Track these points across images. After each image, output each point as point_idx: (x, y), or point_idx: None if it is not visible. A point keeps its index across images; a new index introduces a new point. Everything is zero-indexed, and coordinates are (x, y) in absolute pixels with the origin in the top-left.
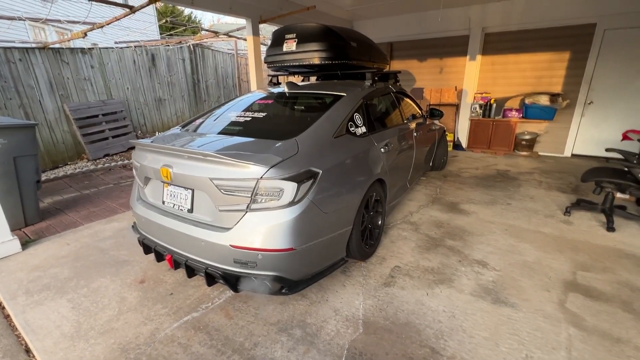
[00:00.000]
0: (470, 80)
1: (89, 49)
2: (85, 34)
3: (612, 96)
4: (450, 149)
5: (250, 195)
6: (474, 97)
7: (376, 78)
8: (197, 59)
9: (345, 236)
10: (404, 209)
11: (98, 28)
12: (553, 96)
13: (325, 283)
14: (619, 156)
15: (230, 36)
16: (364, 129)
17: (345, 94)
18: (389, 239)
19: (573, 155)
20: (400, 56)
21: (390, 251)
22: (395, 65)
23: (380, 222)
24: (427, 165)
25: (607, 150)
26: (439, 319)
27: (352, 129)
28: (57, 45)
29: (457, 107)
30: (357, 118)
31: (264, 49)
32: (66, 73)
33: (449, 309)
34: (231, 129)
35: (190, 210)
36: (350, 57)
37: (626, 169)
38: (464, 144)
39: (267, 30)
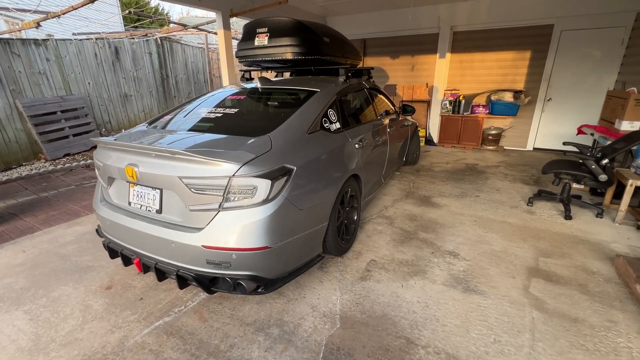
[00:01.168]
0: (441, 78)
1: (44, 40)
2: (39, 24)
3: (568, 93)
4: (422, 144)
5: (222, 194)
6: (444, 93)
7: (350, 74)
8: (166, 53)
9: (321, 232)
10: (379, 204)
11: (52, 17)
12: (516, 93)
13: (302, 280)
14: (575, 149)
15: (200, 30)
16: (338, 125)
17: (318, 90)
18: (365, 233)
19: (535, 149)
20: (374, 53)
21: (366, 245)
22: (369, 62)
23: (355, 217)
24: (400, 160)
25: (564, 144)
26: (414, 310)
27: (326, 124)
28: (6, 36)
29: (428, 103)
30: (331, 114)
31: (235, 43)
32: (17, 66)
33: (423, 299)
34: (202, 126)
35: (159, 211)
36: (324, 53)
37: (581, 161)
38: (435, 139)
39: (239, 24)
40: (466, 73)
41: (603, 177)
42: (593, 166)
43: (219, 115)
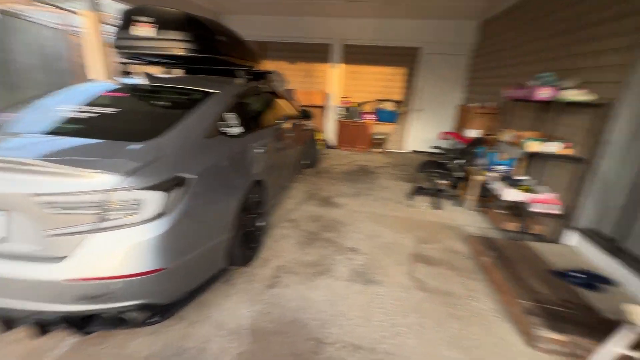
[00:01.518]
0: (334, 85)
1: None
2: None
3: (433, 105)
4: (322, 147)
5: (97, 212)
6: (339, 100)
7: (249, 76)
8: (6, 30)
9: (224, 244)
10: (283, 207)
11: None
12: (396, 103)
13: (207, 298)
14: (440, 151)
15: (55, 7)
16: (238, 129)
17: (216, 91)
18: (272, 238)
19: (412, 151)
20: (273, 56)
21: (273, 251)
22: (269, 65)
23: (261, 224)
24: (302, 163)
25: (431, 147)
26: (323, 309)
27: (225, 129)
28: None
29: (324, 108)
30: (231, 117)
31: (107, 29)
32: None
33: (330, 297)
34: (67, 128)
35: (5, 239)
36: (220, 52)
37: (443, 161)
38: (333, 143)
39: (113, 8)
40: (357, 83)
41: (458, 174)
42: (451, 165)
43: (93, 115)
